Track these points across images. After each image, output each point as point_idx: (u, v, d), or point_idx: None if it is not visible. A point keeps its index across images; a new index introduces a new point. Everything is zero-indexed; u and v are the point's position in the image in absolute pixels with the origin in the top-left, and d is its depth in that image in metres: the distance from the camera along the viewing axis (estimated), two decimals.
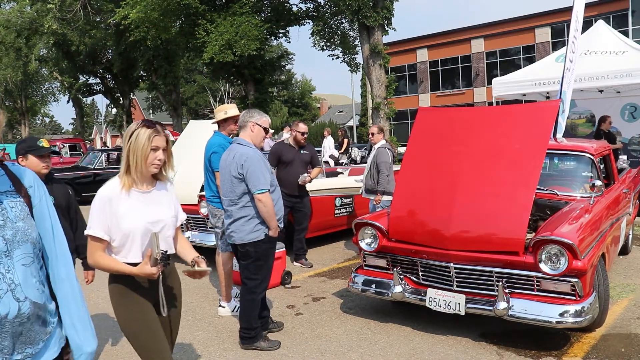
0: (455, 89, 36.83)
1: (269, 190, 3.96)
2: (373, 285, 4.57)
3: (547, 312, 3.73)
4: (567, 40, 7.53)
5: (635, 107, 11.20)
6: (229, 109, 5.03)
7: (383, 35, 16.77)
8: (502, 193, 4.11)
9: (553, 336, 4.17)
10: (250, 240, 4.01)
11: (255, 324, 4.15)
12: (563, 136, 7.05)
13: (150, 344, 2.55)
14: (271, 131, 6.54)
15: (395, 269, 4.38)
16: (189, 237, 6.71)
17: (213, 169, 4.82)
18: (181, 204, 7.55)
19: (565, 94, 7.36)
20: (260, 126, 4.13)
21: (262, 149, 4.31)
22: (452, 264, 4.06)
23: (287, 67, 51.48)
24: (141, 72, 28.59)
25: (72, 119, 64.28)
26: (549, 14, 32.11)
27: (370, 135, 6.87)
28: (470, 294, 4.04)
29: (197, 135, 7.06)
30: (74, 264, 3.14)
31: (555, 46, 30.58)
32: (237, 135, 4.27)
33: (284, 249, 5.93)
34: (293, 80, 59.45)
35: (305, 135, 6.64)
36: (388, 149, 6.60)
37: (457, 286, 4.10)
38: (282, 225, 4.20)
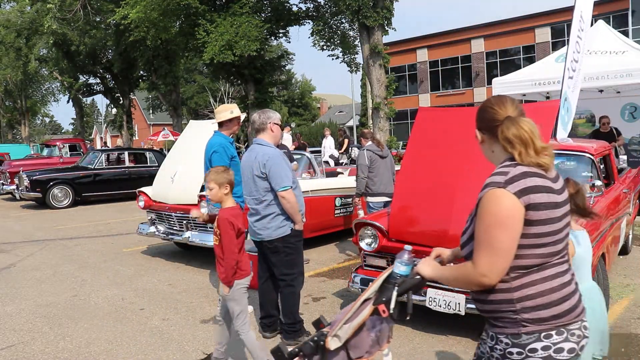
0: (455, 89, 36.84)
1: (291, 187, 4.07)
2: None
3: None
4: (568, 40, 7.52)
5: (635, 107, 11.21)
6: (234, 109, 5.04)
7: (383, 35, 16.77)
8: None
9: None
10: (278, 236, 4.12)
11: (298, 317, 4.25)
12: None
13: None
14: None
15: None
16: (188, 237, 6.71)
17: None
18: (181, 204, 7.51)
19: (566, 93, 7.35)
20: (277, 125, 4.28)
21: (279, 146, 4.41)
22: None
23: (287, 67, 51.52)
24: (141, 72, 28.57)
25: (72, 119, 64.36)
26: (549, 14, 32.11)
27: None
28: (470, 294, 4.04)
29: (197, 135, 7.06)
30: None
31: (555, 46, 30.58)
32: (237, 135, 4.31)
33: None
34: (293, 80, 59.44)
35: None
36: (367, 149, 6.56)
37: None
38: (304, 219, 4.30)
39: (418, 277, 1.93)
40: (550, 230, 1.74)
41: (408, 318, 1.94)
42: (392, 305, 1.89)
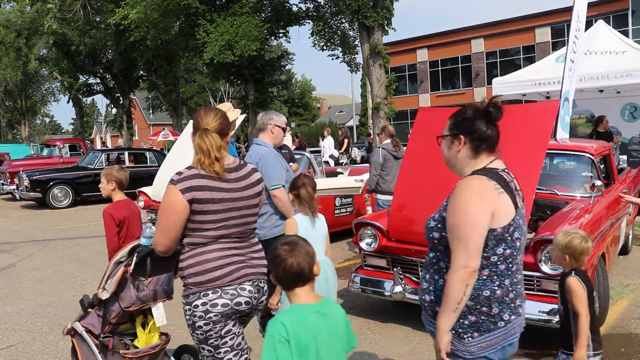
0: (455, 89, 36.84)
1: (283, 185, 4.06)
2: (373, 285, 4.56)
3: (547, 312, 3.73)
4: (568, 40, 7.52)
5: (635, 107, 11.21)
6: (233, 108, 5.06)
7: (383, 35, 16.76)
8: None
9: (553, 336, 4.17)
10: (273, 235, 4.12)
11: None
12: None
13: None
14: None
15: (395, 269, 4.38)
16: None
17: None
18: None
19: (567, 93, 7.36)
20: (279, 127, 4.29)
21: (281, 148, 4.41)
22: None
23: (287, 67, 51.49)
24: (141, 72, 28.57)
25: (72, 119, 64.33)
26: (549, 14, 32.11)
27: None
28: None
29: None
30: None
31: (555, 46, 30.58)
32: (237, 135, 4.33)
33: None
34: (293, 80, 59.43)
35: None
36: (382, 148, 6.61)
37: None
38: None
39: (151, 247, 2.49)
40: (210, 220, 2.34)
41: (145, 279, 2.76)
42: (132, 267, 2.66)
